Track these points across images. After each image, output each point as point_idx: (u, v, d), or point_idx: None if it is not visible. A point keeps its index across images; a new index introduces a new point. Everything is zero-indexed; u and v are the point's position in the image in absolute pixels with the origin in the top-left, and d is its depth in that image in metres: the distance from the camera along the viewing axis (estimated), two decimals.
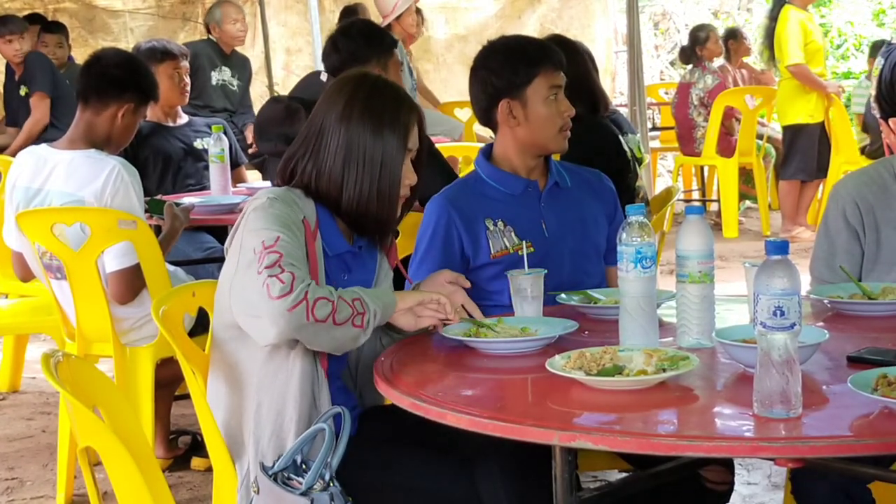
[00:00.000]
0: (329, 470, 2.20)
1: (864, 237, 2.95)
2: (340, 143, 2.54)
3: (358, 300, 2.39)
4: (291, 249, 2.36)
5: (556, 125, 3.04)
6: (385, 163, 2.54)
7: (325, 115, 2.57)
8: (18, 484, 4.09)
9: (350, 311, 2.36)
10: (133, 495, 2.07)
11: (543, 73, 3.02)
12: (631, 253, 2.34)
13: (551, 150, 3.07)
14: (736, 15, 13.85)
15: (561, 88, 3.05)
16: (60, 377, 2.09)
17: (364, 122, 2.54)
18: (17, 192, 3.72)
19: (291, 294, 2.28)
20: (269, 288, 2.28)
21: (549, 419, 2.03)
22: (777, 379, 1.92)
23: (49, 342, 5.14)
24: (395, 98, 2.60)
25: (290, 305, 2.27)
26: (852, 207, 2.95)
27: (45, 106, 6.90)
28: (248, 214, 2.47)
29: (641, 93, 7.07)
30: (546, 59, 3.04)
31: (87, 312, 3.70)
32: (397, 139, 2.55)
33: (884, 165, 3.00)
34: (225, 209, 4.45)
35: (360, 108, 2.55)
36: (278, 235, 2.37)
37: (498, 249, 3.00)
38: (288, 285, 2.28)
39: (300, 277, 2.31)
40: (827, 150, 7.86)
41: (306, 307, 2.29)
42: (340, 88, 2.60)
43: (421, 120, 2.62)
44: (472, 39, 10.58)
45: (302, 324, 2.29)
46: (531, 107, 3.02)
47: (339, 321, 2.34)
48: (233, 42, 7.22)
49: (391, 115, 2.56)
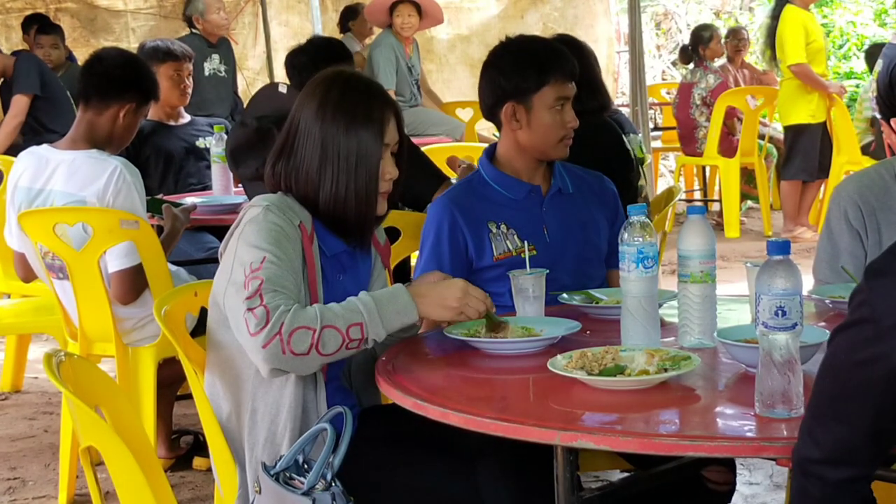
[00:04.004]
0: (331, 470, 2.20)
1: (867, 239, 2.95)
2: (315, 144, 2.52)
3: (356, 326, 2.33)
4: (275, 272, 2.34)
5: (558, 135, 3.02)
6: (361, 160, 2.51)
7: (301, 117, 2.55)
8: (21, 483, 4.10)
9: (340, 341, 2.31)
10: (135, 495, 2.08)
11: (553, 83, 2.99)
12: (633, 253, 2.34)
13: (551, 157, 3.06)
14: (738, 15, 13.85)
15: (569, 100, 3.03)
16: (63, 377, 2.09)
17: (337, 120, 2.52)
18: (18, 193, 3.72)
19: (265, 329, 2.26)
20: (247, 323, 2.28)
21: (550, 419, 2.03)
22: (779, 379, 1.92)
23: (51, 342, 5.15)
24: (367, 93, 2.57)
25: (263, 342, 2.26)
26: (854, 209, 2.95)
27: (21, 105, 6.89)
28: (243, 225, 2.46)
29: (643, 93, 7.05)
30: (558, 69, 3.01)
31: (89, 312, 3.70)
32: (372, 135, 2.52)
33: (885, 167, 2.99)
34: (227, 209, 4.45)
35: (333, 106, 2.53)
36: (265, 256, 2.36)
37: (501, 252, 3.00)
38: (262, 320, 2.26)
39: (275, 307, 2.27)
40: (829, 151, 7.86)
41: (280, 342, 2.26)
42: (314, 89, 2.58)
43: (398, 113, 2.60)
44: (475, 40, 10.59)
45: (280, 358, 2.27)
46: (535, 114, 3.01)
47: (326, 352, 2.30)
48: (218, 31, 7.12)
49: (364, 110, 2.53)
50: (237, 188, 4.96)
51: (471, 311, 2.44)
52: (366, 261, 2.69)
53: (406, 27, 7.66)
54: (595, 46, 7.57)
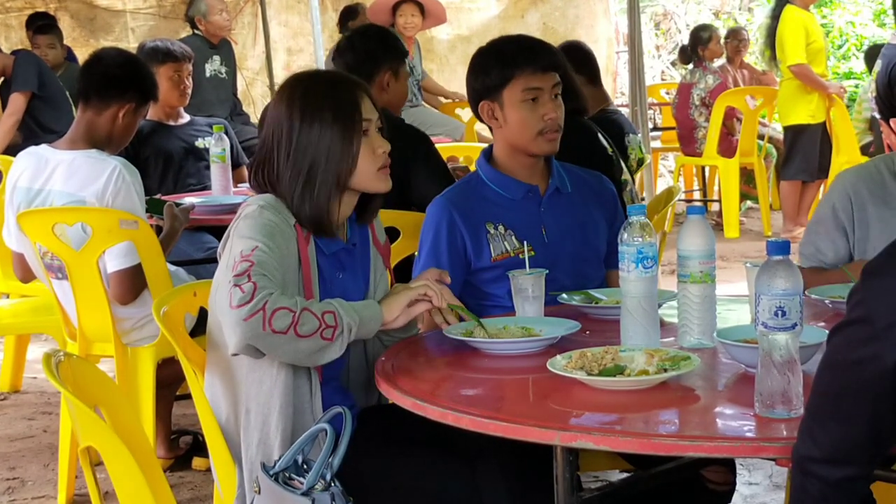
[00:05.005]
0: (330, 470, 2.20)
1: (854, 233, 2.98)
2: (291, 148, 2.51)
3: (330, 313, 2.35)
4: (264, 259, 2.36)
5: (535, 128, 2.99)
6: (331, 153, 2.51)
7: (272, 124, 2.55)
8: (20, 484, 4.09)
9: (317, 324, 2.32)
10: (134, 495, 2.07)
11: (519, 76, 2.97)
12: (632, 253, 2.34)
13: (533, 153, 3.03)
14: (737, 15, 13.85)
15: (542, 91, 2.98)
16: (62, 377, 2.09)
17: (304, 120, 2.51)
18: (17, 193, 3.72)
19: (249, 303, 2.27)
20: (231, 297, 2.29)
21: (550, 419, 2.03)
22: (778, 379, 1.92)
23: (50, 342, 5.14)
24: (331, 84, 2.58)
25: (246, 315, 2.26)
26: (845, 202, 2.99)
27: (18, 103, 6.87)
28: (239, 221, 2.48)
29: (643, 93, 7.05)
30: (523, 61, 2.98)
31: (88, 312, 3.70)
32: (346, 122, 2.51)
33: (885, 162, 3.01)
34: (226, 209, 4.45)
35: (300, 108, 2.53)
36: (256, 245, 2.37)
37: (499, 253, 3.00)
38: (248, 294, 2.27)
39: (262, 286, 2.29)
40: (828, 151, 7.86)
41: (263, 317, 2.26)
42: (280, 95, 2.58)
43: (367, 89, 2.58)
44: (476, 40, 10.57)
45: (258, 333, 2.27)
46: (507, 110, 3.00)
47: (303, 333, 2.31)
48: (220, 33, 7.12)
49: (332, 101, 2.53)
50: (236, 188, 4.97)
51: (416, 309, 2.50)
52: (366, 260, 2.69)
53: (409, 27, 7.66)
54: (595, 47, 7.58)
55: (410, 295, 2.51)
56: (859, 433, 1.75)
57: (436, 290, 2.51)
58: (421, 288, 2.52)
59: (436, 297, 2.51)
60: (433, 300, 2.51)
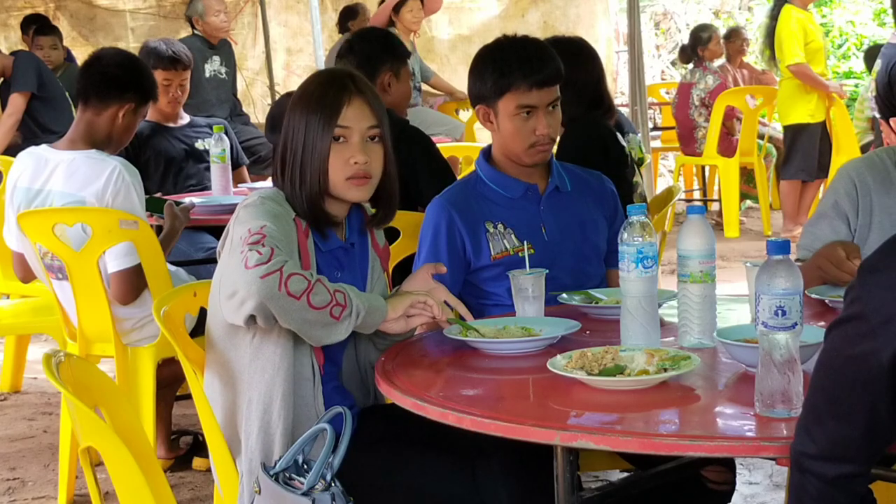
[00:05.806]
0: (330, 470, 2.20)
1: (857, 220, 2.99)
2: (286, 139, 2.57)
3: (341, 293, 2.38)
4: (276, 234, 2.38)
5: (526, 142, 2.98)
6: (305, 150, 2.53)
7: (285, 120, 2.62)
8: (20, 484, 4.09)
9: (329, 299, 2.35)
10: (134, 495, 2.07)
11: (514, 92, 2.95)
12: (632, 253, 2.34)
13: (525, 162, 3.03)
14: (737, 15, 13.85)
15: (537, 108, 2.96)
16: (62, 377, 2.09)
17: (293, 113, 2.57)
18: (17, 193, 3.72)
19: (267, 263, 2.29)
20: (246, 260, 2.30)
21: (550, 419, 2.03)
22: (778, 378, 1.92)
23: (50, 342, 5.14)
24: (323, 84, 2.60)
25: (263, 273, 2.27)
26: (850, 187, 3.01)
27: (18, 103, 6.87)
28: (240, 211, 2.49)
29: (642, 93, 7.07)
30: (520, 76, 2.94)
31: (88, 313, 3.70)
32: (321, 124, 2.53)
33: (887, 152, 3.06)
34: (226, 209, 4.45)
35: (294, 101, 2.59)
36: (264, 223, 2.39)
37: (498, 251, 3.00)
38: (265, 256, 2.29)
39: (279, 252, 2.32)
40: (828, 150, 7.86)
41: (280, 277, 2.28)
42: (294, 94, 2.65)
43: (364, 97, 2.57)
44: (476, 40, 10.57)
45: (274, 293, 2.28)
46: (501, 118, 3.00)
47: (315, 304, 2.32)
48: (218, 33, 7.11)
49: (315, 102, 2.55)
50: (236, 189, 4.97)
51: (413, 321, 2.53)
52: (364, 260, 2.69)
53: (415, 21, 7.83)
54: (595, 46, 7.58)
55: (414, 298, 2.52)
56: (855, 429, 1.75)
57: (433, 304, 2.53)
58: (423, 296, 2.54)
59: (437, 310, 2.52)
60: (434, 312, 2.52)
